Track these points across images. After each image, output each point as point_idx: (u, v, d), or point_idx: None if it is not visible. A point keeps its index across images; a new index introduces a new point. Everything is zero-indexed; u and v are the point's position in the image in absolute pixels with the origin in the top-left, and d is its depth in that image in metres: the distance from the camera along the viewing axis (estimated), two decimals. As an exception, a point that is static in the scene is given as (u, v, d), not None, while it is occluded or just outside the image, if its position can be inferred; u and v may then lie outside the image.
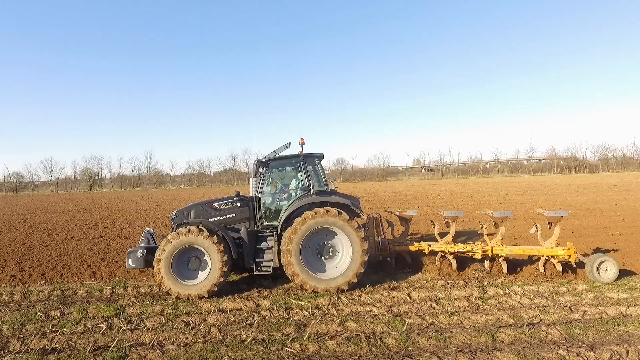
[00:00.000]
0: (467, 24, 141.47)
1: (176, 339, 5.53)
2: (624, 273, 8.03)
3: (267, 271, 7.87)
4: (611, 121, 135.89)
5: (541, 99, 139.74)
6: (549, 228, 8.64)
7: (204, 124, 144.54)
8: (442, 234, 9.13)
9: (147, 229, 8.96)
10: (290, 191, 8.53)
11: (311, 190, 8.02)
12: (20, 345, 5.42)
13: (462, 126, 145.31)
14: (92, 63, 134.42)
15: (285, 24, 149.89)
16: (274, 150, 8.89)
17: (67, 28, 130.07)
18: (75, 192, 79.30)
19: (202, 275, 7.43)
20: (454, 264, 8.65)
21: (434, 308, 6.46)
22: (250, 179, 9.05)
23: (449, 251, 8.73)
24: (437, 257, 8.91)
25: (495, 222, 8.84)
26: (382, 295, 7.20)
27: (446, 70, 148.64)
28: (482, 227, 8.94)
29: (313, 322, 6.00)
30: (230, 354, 5.04)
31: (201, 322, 6.13)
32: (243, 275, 8.81)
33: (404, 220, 10.14)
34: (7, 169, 78.33)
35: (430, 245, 8.92)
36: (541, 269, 8.23)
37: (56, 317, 6.55)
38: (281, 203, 8.36)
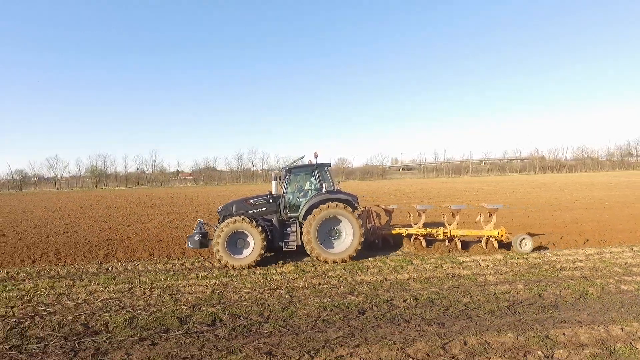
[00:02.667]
0: (458, 24, 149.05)
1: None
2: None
3: (293, 248, 10.49)
4: (589, 124, 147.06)
5: (527, 101, 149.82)
6: (489, 216, 11.53)
7: (209, 123, 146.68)
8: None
9: (199, 219, 11.56)
10: (307, 191, 11.13)
11: (323, 190, 10.66)
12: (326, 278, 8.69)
13: (451, 127, 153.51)
14: (92, 63, 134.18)
15: (287, 24, 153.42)
16: (293, 161, 12.01)
17: (70, 28, 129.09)
18: (81, 189, 79.13)
19: (246, 252, 10.02)
20: (424, 243, 11.40)
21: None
22: (272, 181, 11.45)
23: (420, 234, 11.54)
24: (412, 239, 11.63)
25: (452, 213, 11.82)
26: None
27: (436, 74, 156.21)
28: (444, 217, 11.75)
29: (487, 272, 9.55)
30: (497, 280, 8.47)
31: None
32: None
33: (388, 212, 13.09)
34: (9, 167, 77.37)
35: (406, 230, 11.71)
36: (483, 246, 11.10)
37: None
38: (300, 200, 10.95)
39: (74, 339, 5.78)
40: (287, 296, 7.53)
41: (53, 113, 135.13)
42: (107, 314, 6.71)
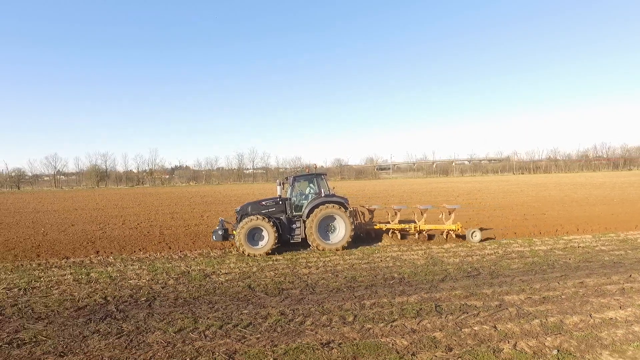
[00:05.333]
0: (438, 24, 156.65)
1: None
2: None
3: (298, 240, 12.89)
4: (560, 127, 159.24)
5: (507, 105, 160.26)
6: (449, 214, 14.55)
7: (210, 122, 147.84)
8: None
9: (220, 218, 14.15)
10: (308, 195, 13.66)
11: (322, 194, 13.23)
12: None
13: (439, 129, 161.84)
14: (90, 60, 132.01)
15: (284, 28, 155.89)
16: (297, 171, 15.97)
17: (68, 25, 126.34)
18: (82, 188, 78.65)
19: (261, 243, 12.35)
20: (399, 236, 14.21)
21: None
22: (277, 186, 13.89)
23: (395, 228, 14.39)
24: (389, 233, 14.44)
25: (421, 211, 14.79)
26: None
27: (425, 79, 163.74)
28: (414, 215, 14.77)
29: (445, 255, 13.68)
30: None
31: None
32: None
33: (370, 211, 15.84)
34: (6, 165, 75.61)
35: (385, 226, 14.48)
36: (444, 237, 14.10)
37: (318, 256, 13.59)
38: (303, 202, 13.40)
39: (402, 280, 9.20)
40: (483, 259, 11.18)
41: (51, 111, 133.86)
42: (382, 272, 10.13)
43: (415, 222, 14.43)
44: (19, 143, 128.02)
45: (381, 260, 11.31)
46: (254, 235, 12.42)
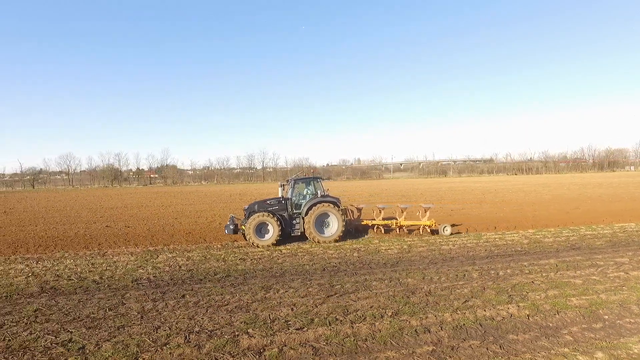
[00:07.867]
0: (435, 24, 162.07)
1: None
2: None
3: (298, 234, 14.96)
4: (549, 130, 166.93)
5: (501, 108, 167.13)
6: (425, 212, 16.96)
7: (220, 123, 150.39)
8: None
9: (231, 214, 16.95)
10: (306, 195, 15.64)
11: (318, 195, 15.26)
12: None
13: (438, 131, 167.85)
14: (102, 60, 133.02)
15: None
16: (297, 174, 19.01)
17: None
18: (97, 187, 79.81)
19: (267, 236, 14.38)
20: (383, 230, 16.34)
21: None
22: (279, 188, 16.34)
23: (380, 224, 16.57)
24: (375, 228, 16.53)
25: (401, 210, 16.90)
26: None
27: (416, 79, 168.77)
28: (396, 212, 17.25)
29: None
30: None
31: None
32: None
33: (358, 209, 18.18)
34: (20, 165, 76.57)
35: (371, 222, 16.62)
36: (420, 232, 16.29)
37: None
38: (302, 201, 15.36)
39: (528, 252, 12.59)
40: (569, 239, 14.69)
41: (64, 111, 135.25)
42: (507, 247, 13.53)
43: (396, 219, 16.86)
44: (34, 143, 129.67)
45: (494, 240, 14.72)
46: (260, 229, 14.56)
